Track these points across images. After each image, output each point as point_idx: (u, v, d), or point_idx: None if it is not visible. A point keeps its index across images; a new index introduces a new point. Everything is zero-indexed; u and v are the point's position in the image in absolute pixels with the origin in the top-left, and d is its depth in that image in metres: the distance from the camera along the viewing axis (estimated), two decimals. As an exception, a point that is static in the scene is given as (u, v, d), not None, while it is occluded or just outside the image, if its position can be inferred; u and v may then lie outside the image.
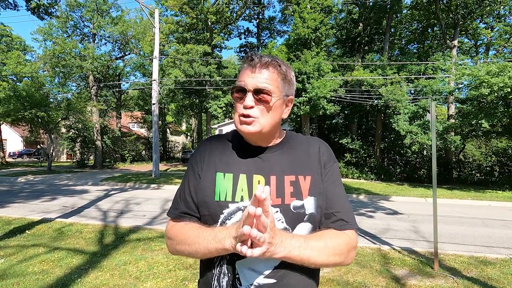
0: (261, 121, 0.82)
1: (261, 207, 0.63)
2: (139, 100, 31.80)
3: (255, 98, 0.81)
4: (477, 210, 8.20)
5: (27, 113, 16.35)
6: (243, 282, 0.79)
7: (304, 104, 15.25)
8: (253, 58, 0.83)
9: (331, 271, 3.49)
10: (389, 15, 17.74)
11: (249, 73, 0.83)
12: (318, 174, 0.87)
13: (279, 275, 0.79)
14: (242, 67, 0.86)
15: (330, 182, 0.88)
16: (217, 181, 0.84)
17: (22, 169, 19.54)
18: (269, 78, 0.82)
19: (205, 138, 0.98)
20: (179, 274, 3.33)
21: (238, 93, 0.84)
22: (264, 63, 0.83)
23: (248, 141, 0.90)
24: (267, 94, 0.81)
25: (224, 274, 0.82)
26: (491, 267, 3.73)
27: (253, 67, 0.83)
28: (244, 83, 0.82)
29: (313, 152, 0.90)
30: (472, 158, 17.96)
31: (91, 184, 12.25)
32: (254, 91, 0.81)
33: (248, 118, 0.82)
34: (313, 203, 0.83)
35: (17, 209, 7.08)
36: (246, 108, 0.82)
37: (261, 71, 0.82)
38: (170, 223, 0.91)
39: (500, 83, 10.20)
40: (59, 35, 21.37)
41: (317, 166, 0.88)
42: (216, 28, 23.53)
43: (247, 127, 0.82)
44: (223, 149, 0.91)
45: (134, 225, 5.46)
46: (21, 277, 3.19)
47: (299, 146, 0.92)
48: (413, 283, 3.24)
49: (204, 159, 0.90)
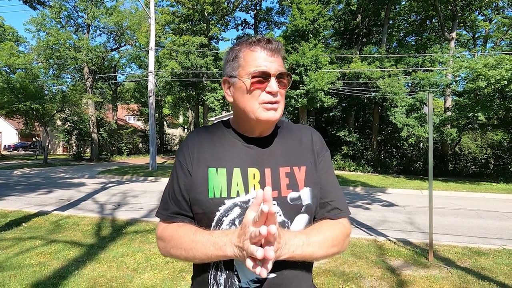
0: (281, 106, 0.81)
1: (270, 218, 0.59)
2: (135, 92, 31.48)
3: (277, 82, 0.79)
4: (471, 202, 8.30)
5: (21, 106, 16.13)
6: (242, 278, 0.77)
7: (302, 96, 15.20)
8: (271, 41, 0.80)
9: (327, 262, 3.52)
10: (387, 6, 17.57)
11: (267, 57, 0.79)
12: (312, 164, 0.86)
13: (279, 269, 0.77)
14: (250, 49, 0.80)
15: (323, 171, 0.87)
16: (209, 177, 0.80)
17: (17, 162, 19.41)
18: (282, 62, 0.82)
19: (190, 132, 0.93)
20: (177, 266, 3.35)
21: (257, 78, 0.78)
22: (280, 48, 0.81)
23: (252, 131, 0.85)
24: (286, 79, 0.81)
25: (221, 271, 0.78)
26: (484, 257, 3.79)
27: (271, 51, 0.79)
28: (265, 68, 0.78)
29: (305, 142, 0.89)
30: (467, 151, 18.08)
31: (87, 177, 12.21)
32: (276, 76, 0.78)
33: (275, 104, 0.79)
34: (309, 193, 0.82)
35: (13, 202, 7.05)
36: (272, 94, 0.78)
37: (277, 55, 0.80)
38: (162, 225, 0.85)
39: (497, 75, 10.20)
40: (52, 25, 20.93)
41: (311, 155, 0.87)
42: (213, 19, 23.20)
43: (274, 113, 0.79)
44: (212, 142, 0.86)
45: (131, 218, 5.47)
46: (18, 269, 3.19)
47: (291, 135, 0.90)
48: (408, 273, 3.29)
49: (194, 154, 0.84)
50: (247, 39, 0.82)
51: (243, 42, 0.82)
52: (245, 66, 0.79)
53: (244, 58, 0.80)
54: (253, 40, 0.80)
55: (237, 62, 0.82)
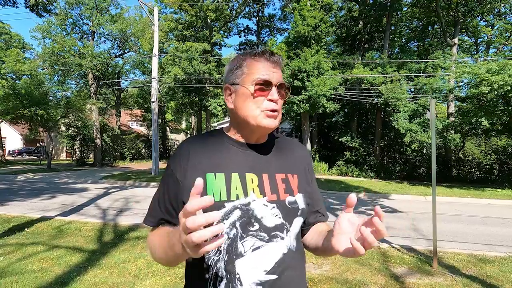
0: (280, 115, 0.86)
1: None
2: (138, 98, 31.72)
3: (278, 92, 0.84)
4: (476, 208, 8.20)
5: (26, 111, 16.30)
6: (244, 281, 0.75)
7: (304, 102, 15.22)
8: (274, 54, 0.85)
9: (330, 270, 3.49)
10: (389, 12, 17.66)
11: (270, 68, 0.84)
12: (303, 175, 0.92)
13: (280, 270, 0.78)
14: (255, 59, 0.85)
15: (312, 182, 0.96)
16: (208, 182, 0.79)
17: (21, 167, 19.53)
18: (281, 74, 0.88)
19: (183, 140, 0.93)
20: (178, 272, 3.33)
21: (260, 86, 0.82)
22: (281, 61, 0.86)
23: (248, 138, 0.88)
24: (285, 91, 0.86)
25: (222, 276, 0.76)
26: (490, 265, 3.74)
27: (274, 62, 0.84)
28: (268, 77, 0.82)
29: (298, 156, 0.96)
30: (471, 156, 17.92)
31: (90, 182, 12.25)
32: (278, 86, 0.84)
33: (275, 112, 0.83)
34: (302, 199, 0.87)
35: (16, 207, 7.08)
36: (274, 102, 0.83)
37: (278, 67, 0.86)
38: (150, 233, 0.86)
39: (500, 81, 10.17)
40: (58, 32, 21.25)
41: (302, 169, 0.94)
42: (216, 26, 23.44)
43: (274, 121, 0.84)
44: (208, 149, 0.87)
45: (133, 223, 5.46)
46: (20, 275, 3.19)
47: (285, 145, 0.97)
48: (412, 281, 3.24)
49: (188, 162, 0.83)
50: (252, 51, 0.87)
51: (247, 53, 0.87)
52: (249, 74, 0.83)
53: (248, 67, 0.84)
54: (258, 52, 0.85)
55: (240, 70, 0.85)
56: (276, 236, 0.80)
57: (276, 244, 0.79)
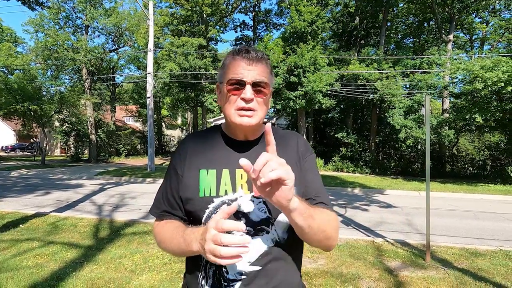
0: (259, 113, 0.85)
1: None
2: (133, 93, 31.45)
3: (254, 90, 0.83)
4: (469, 203, 8.33)
5: (19, 107, 16.08)
6: (230, 271, 0.82)
7: (300, 98, 15.23)
8: (249, 51, 0.84)
9: (325, 264, 3.53)
10: (385, 8, 17.66)
11: (245, 65, 0.83)
12: (296, 165, 0.88)
13: (263, 262, 0.82)
14: (233, 58, 0.85)
15: (308, 171, 0.91)
16: (200, 178, 0.86)
17: (15, 163, 19.32)
18: (263, 71, 0.85)
19: (185, 136, 0.98)
20: (175, 267, 3.35)
21: (234, 86, 0.83)
22: (260, 57, 0.85)
23: (236, 135, 0.90)
24: (265, 87, 0.85)
25: (211, 264, 0.84)
26: (481, 258, 3.81)
27: (249, 60, 0.83)
28: (241, 76, 0.82)
29: (291, 144, 0.93)
30: (465, 152, 18.16)
31: (85, 178, 12.17)
32: (252, 84, 0.82)
33: (249, 111, 0.83)
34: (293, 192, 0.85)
35: (10, 203, 7.02)
36: (246, 101, 0.82)
37: (257, 64, 0.84)
38: (156, 222, 0.95)
39: (494, 77, 10.26)
40: (51, 26, 20.88)
41: (295, 156, 0.91)
42: (212, 21, 23.22)
43: (248, 119, 0.83)
44: (205, 145, 0.92)
45: (129, 219, 5.45)
46: (15, 271, 3.18)
47: (278, 139, 0.92)
48: (406, 274, 3.30)
49: (186, 158, 0.91)
50: (234, 49, 0.88)
51: (231, 51, 0.89)
52: (227, 73, 0.85)
53: (228, 66, 0.86)
54: (236, 50, 0.86)
55: (223, 69, 0.88)
56: (262, 230, 0.83)
57: (261, 237, 0.83)
